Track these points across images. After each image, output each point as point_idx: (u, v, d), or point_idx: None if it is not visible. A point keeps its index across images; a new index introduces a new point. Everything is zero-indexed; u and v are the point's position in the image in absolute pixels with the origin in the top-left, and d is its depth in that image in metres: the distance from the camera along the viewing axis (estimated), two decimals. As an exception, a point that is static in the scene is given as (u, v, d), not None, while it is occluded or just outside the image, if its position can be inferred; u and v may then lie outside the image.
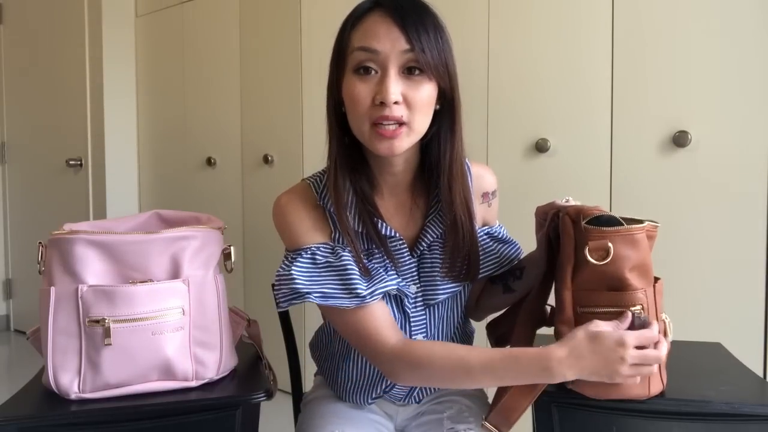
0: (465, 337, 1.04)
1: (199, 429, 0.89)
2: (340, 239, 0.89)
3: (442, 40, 0.83)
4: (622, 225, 0.79)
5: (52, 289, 0.85)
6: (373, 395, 0.97)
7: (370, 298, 0.84)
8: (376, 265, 0.89)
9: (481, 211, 0.98)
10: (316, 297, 0.84)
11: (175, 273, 0.89)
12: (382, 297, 0.88)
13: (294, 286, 0.84)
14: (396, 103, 0.80)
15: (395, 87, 0.80)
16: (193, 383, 0.90)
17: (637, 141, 1.55)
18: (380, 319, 0.86)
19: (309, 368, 1.13)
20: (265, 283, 1.50)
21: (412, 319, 0.92)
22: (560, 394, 0.84)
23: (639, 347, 0.75)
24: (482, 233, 0.98)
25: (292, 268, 0.86)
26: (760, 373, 1.41)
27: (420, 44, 0.80)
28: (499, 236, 1.00)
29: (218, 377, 0.93)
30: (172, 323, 0.87)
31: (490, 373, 0.79)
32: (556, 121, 1.68)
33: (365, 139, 0.84)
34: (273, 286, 0.89)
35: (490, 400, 1.05)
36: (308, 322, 2.23)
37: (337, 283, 0.85)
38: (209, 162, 2.66)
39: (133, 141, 3.02)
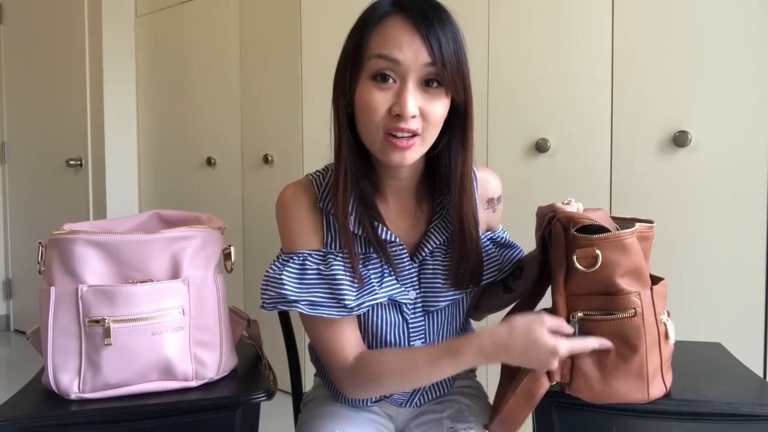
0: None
1: (199, 429, 0.89)
2: (332, 244, 0.88)
3: (461, 50, 0.81)
4: (609, 231, 0.78)
5: (52, 289, 0.85)
6: (373, 398, 0.97)
7: (357, 309, 0.85)
8: (371, 272, 0.88)
9: (485, 217, 0.98)
10: (303, 305, 0.84)
11: (175, 273, 0.89)
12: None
13: (283, 291, 0.84)
14: (413, 116, 0.78)
15: (414, 100, 0.78)
16: (193, 383, 0.90)
17: (637, 141, 1.55)
18: (347, 335, 0.87)
19: (309, 368, 1.13)
20: (265, 283, 1.51)
21: (410, 325, 0.92)
22: (560, 394, 0.84)
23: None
24: (485, 239, 0.97)
25: (283, 272, 0.86)
26: (760, 373, 1.41)
27: (442, 57, 0.78)
28: (502, 241, 1.00)
29: (218, 377, 0.93)
30: (172, 323, 0.87)
31: (434, 367, 0.82)
32: (556, 121, 1.68)
33: (376, 148, 0.82)
34: (261, 287, 0.88)
35: (490, 400, 1.06)
36: (308, 322, 2.23)
37: (326, 292, 0.85)
38: (209, 162, 2.66)
39: (133, 141, 3.02)
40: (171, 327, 0.87)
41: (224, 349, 0.93)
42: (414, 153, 0.81)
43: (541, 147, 1.70)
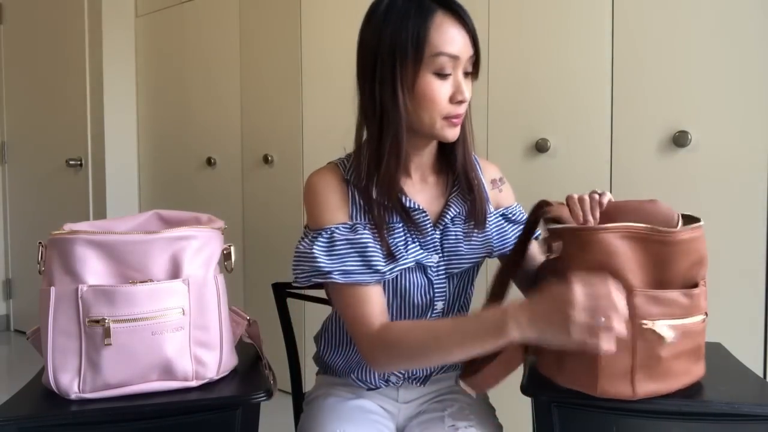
0: None
1: (199, 429, 0.89)
2: (358, 215, 0.94)
3: None
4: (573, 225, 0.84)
5: (52, 289, 0.85)
6: (386, 375, 1.01)
7: (390, 273, 0.91)
8: (396, 240, 0.93)
9: (493, 197, 1.07)
10: (337, 275, 0.89)
11: (175, 273, 0.89)
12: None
13: (316, 264, 0.90)
14: None
15: (468, 87, 0.92)
16: (193, 383, 0.90)
17: (637, 141, 1.55)
18: (374, 302, 0.91)
19: (309, 368, 1.14)
20: (265, 283, 1.50)
21: (435, 286, 0.97)
22: (560, 394, 0.84)
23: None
24: (497, 215, 1.05)
25: (314, 246, 0.91)
26: (760, 373, 1.41)
27: (478, 50, 0.92)
28: (513, 216, 1.07)
29: (218, 377, 0.93)
30: (172, 323, 0.87)
31: (457, 334, 0.82)
32: (556, 121, 1.68)
33: (434, 129, 0.92)
34: (292, 264, 0.94)
35: (491, 400, 1.05)
36: (308, 323, 2.23)
37: (357, 260, 0.90)
38: (209, 162, 2.66)
39: (133, 141, 3.02)
40: (171, 327, 0.87)
41: (224, 349, 0.93)
42: (460, 128, 0.95)
43: (541, 147, 1.69)
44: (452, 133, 0.93)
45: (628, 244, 0.80)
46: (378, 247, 0.91)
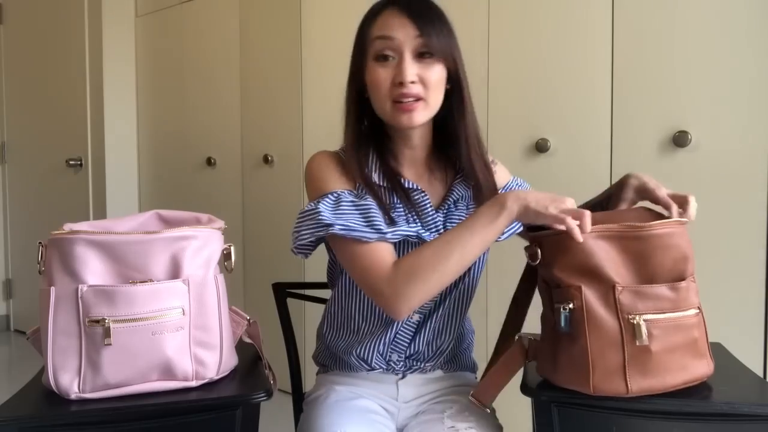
0: (462, 333, 1.09)
1: (199, 429, 0.89)
2: (363, 191, 0.97)
3: (446, 29, 0.96)
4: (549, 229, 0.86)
5: (52, 289, 0.85)
6: (382, 346, 1.01)
7: (391, 235, 0.91)
8: (399, 218, 0.96)
9: None
10: (339, 228, 0.89)
11: (175, 273, 0.89)
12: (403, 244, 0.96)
13: (320, 218, 0.91)
14: (413, 82, 0.92)
15: (411, 68, 0.92)
16: (193, 383, 0.90)
17: (637, 141, 1.55)
18: (385, 250, 0.91)
19: (309, 368, 1.14)
20: (265, 283, 1.50)
21: None
22: (560, 394, 0.84)
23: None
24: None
25: (320, 205, 0.92)
26: (760, 373, 1.41)
27: (428, 31, 0.93)
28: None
29: (218, 377, 0.93)
30: (172, 323, 0.87)
31: (464, 229, 0.87)
32: (556, 121, 1.68)
33: (387, 116, 0.96)
34: (294, 227, 0.95)
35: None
36: (308, 323, 2.23)
37: (361, 219, 0.92)
38: (209, 162, 2.66)
39: (133, 141, 3.02)
40: (171, 327, 0.87)
41: (224, 349, 0.93)
42: (420, 114, 0.95)
43: (541, 147, 1.70)
44: (404, 120, 0.94)
45: (606, 243, 0.82)
46: (382, 214, 0.93)
